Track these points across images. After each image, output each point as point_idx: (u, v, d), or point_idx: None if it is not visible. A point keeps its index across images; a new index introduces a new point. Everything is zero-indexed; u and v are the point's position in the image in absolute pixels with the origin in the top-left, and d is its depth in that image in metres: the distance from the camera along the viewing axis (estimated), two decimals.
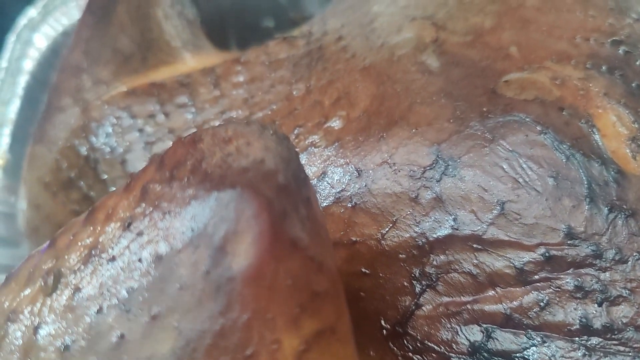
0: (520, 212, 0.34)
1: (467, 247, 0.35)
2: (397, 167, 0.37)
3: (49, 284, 0.26)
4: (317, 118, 0.41)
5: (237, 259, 0.24)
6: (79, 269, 0.26)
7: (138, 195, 0.27)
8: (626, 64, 0.38)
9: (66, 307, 0.25)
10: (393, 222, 0.36)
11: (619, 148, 0.34)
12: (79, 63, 0.50)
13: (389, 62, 0.42)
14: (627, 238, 0.32)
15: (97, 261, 0.26)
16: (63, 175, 0.46)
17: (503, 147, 0.35)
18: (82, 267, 0.26)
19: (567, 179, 0.33)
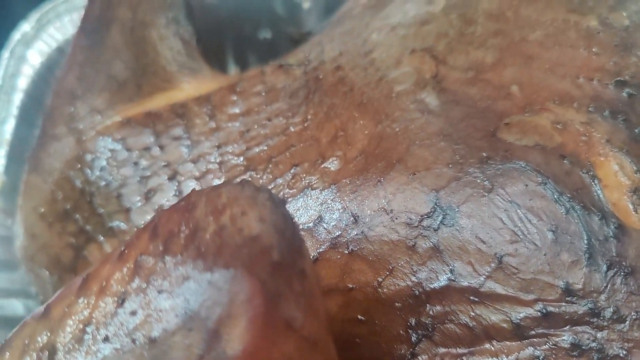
0: (518, 266, 0.33)
1: (464, 299, 0.34)
2: (395, 214, 0.36)
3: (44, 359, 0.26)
4: (314, 157, 0.41)
5: (231, 343, 0.24)
6: (73, 348, 0.26)
7: (132, 268, 0.27)
8: (630, 107, 0.37)
9: None
10: (390, 270, 0.36)
11: (620, 200, 0.34)
12: (73, 89, 0.49)
13: (388, 99, 0.41)
14: (626, 297, 0.32)
15: (91, 340, 0.26)
16: (59, 206, 0.46)
17: (502, 197, 0.35)
18: (76, 345, 0.26)
19: (567, 233, 0.33)
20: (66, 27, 0.62)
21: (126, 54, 0.51)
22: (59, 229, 0.46)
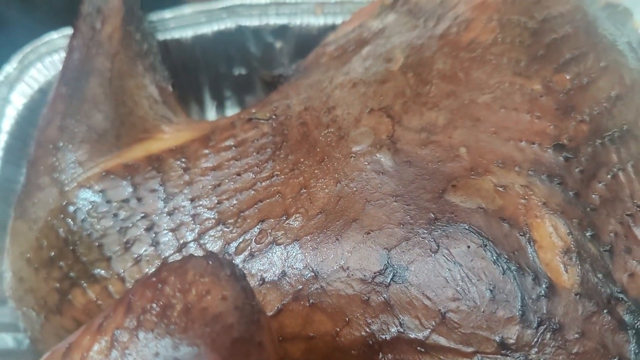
0: (460, 321, 0.37)
1: (412, 349, 0.38)
2: (350, 271, 0.40)
3: None
4: (279, 213, 0.44)
5: None
6: None
7: (109, 341, 0.30)
8: (566, 171, 0.41)
9: None
10: (346, 322, 0.40)
11: (553, 260, 0.38)
12: (54, 140, 0.52)
13: (347, 158, 0.45)
14: (554, 350, 0.36)
15: None
16: (44, 253, 0.49)
17: (447, 257, 0.38)
18: None
19: (503, 292, 0.37)
20: (47, 68, 0.64)
21: (105, 105, 0.53)
22: (45, 274, 0.49)
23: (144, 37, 0.61)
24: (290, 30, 0.66)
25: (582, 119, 0.43)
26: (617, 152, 0.42)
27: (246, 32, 0.66)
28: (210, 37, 0.66)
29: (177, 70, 0.65)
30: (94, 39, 0.58)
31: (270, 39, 0.66)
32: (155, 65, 0.60)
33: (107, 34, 0.58)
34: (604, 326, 0.36)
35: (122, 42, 0.58)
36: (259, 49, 0.67)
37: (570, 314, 0.36)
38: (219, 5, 0.65)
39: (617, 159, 0.42)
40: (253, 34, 0.66)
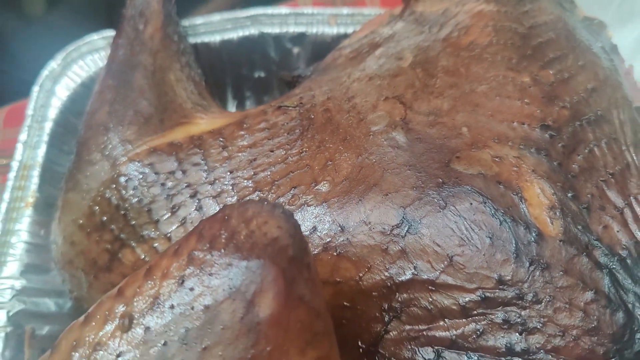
0: (464, 263, 0.45)
1: (424, 288, 0.45)
2: (372, 225, 0.48)
3: (125, 324, 0.36)
4: (309, 181, 0.52)
5: (263, 309, 0.35)
6: (147, 313, 0.36)
7: (186, 260, 0.37)
8: (551, 145, 0.49)
9: (140, 341, 0.35)
10: (368, 268, 0.47)
11: (540, 215, 0.46)
12: (105, 122, 0.60)
13: (366, 137, 0.53)
14: (542, 285, 0.43)
15: (160, 308, 0.36)
16: (96, 219, 0.56)
17: (453, 212, 0.46)
18: (150, 312, 0.36)
19: (500, 239, 0.45)
20: (89, 65, 0.72)
21: (149, 94, 0.61)
22: (97, 237, 0.56)
23: (180, 39, 0.69)
24: (307, 38, 0.75)
25: (564, 106, 0.52)
26: (593, 132, 0.51)
27: (267, 38, 0.75)
28: (235, 42, 0.75)
29: (205, 71, 0.73)
30: (138, 38, 0.65)
31: (289, 45, 0.75)
32: (191, 63, 0.68)
33: (149, 34, 0.66)
34: (583, 266, 0.44)
35: (162, 42, 0.66)
36: (278, 54, 0.76)
37: (555, 256, 0.44)
38: (244, 14, 0.74)
39: (592, 137, 0.50)
40: (274, 40, 0.75)
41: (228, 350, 0.34)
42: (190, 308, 0.35)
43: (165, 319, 0.36)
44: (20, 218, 0.63)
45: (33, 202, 0.64)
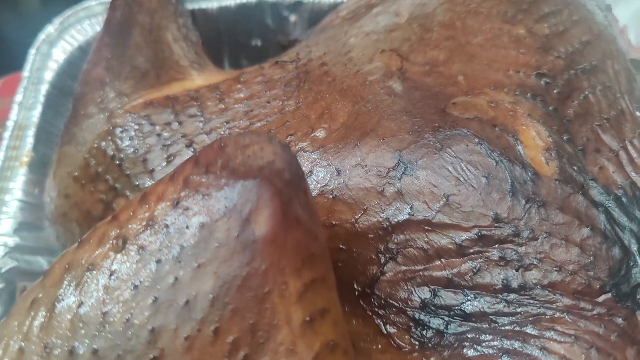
0: (461, 202, 0.45)
1: (420, 229, 0.45)
2: (368, 168, 0.48)
3: (118, 244, 0.36)
4: (305, 129, 0.52)
5: (259, 227, 0.34)
6: (140, 235, 0.36)
7: (181, 184, 0.37)
8: (546, 92, 0.50)
9: (133, 260, 0.35)
10: (364, 210, 0.47)
11: (536, 156, 0.46)
12: (101, 77, 0.59)
13: (363, 86, 0.53)
14: (538, 222, 0.43)
15: (155, 229, 0.36)
16: (91, 170, 0.55)
17: (449, 154, 0.46)
18: (143, 232, 0.36)
19: (496, 178, 0.45)
20: (86, 30, 0.72)
21: (146, 51, 0.61)
22: (91, 188, 0.55)
23: (177, 1, 0.69)
24: (304, 6, 0.75)
25: (559, 56, 0.52)
26: (588, 80, 0.51)
27: (265, 6, 0.75)
28: (233, 9, 0.75)
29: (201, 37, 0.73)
30: None
31: (286, 12, 0.75)
32: (188, 25, 0.68)
33: None
34: (579, 204, 0.44)
35: (159, 3, 0.66)
36: (276, 21, 0.76)
37: (551, 194, 0.44)
38: None
39: (587, 85, 0.51)
40: (271, 8, 0.75)
41: (222, 268, 0.34)
42: (185, 227, 0.35)
43: (159, 239, 0.35)
44: (15, 177, 0.63)
45: (27, 161, 0.64)
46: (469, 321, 0.43)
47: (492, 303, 0.43)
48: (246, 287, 0.34)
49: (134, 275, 0.35)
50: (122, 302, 0.34)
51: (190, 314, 0.34)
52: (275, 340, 0.34)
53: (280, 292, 0.34)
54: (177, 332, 0.33)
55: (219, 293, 0.34)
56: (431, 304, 0.44)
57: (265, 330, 0.34)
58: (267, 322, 0.34)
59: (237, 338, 0.33)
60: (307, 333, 0.34)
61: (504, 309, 0.43)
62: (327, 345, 0.34)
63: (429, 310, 0.44)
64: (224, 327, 0.33)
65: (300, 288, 0.35)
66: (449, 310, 0.44)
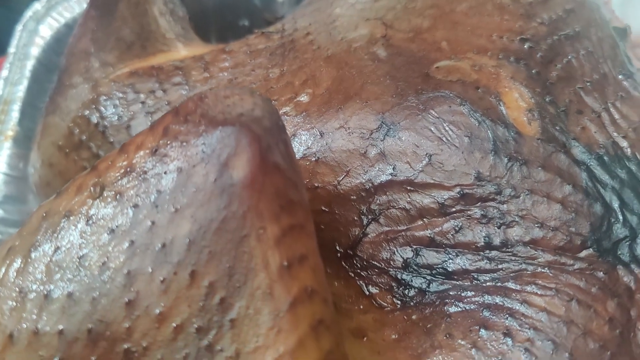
0: (443, 161, 0.45)
1: (402, 189, 0.45)
2: (351, 130, 0.47)
3: (96, 191, 0.36)
4: (289, 94, 0.52)
5: (237, 171, 0.34)
6: (118, 181, 0.36)
7: (160, 133, 0.37)
8: (529, 56, 0.50)
9: (110, 205, 0.35)
10: (347, 172, 0.47)
11: (519, 117, 0.46)
12: (87, 49, 0.59)
13: (347, 52, 0.53)
14: (520, 180, 0.43)
15: (132, 175, 0.35)
16: (75, 138, 0.55)
17: (432, 115, 0.46)
18: (120, 180, 0.36)
19: (478, 138, 0.45)
20: (73, 7, 0.72)
21: (132, 23, 0.61)
22: (75, 156, 0.55)
23: None
24: None
25: (542, 22, 0.52)
26: (571, 46, 0.51)
27: None
28: None
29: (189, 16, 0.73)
30: None
31: None
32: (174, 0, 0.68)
33: None
34: (561, 162, 0.44)
35: None
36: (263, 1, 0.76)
37: (533, 153, 0.44)
38: None
39: (571, 50, 0.51)
40: None
41: (200, 212, 0.34)
42: (162, 173, 0.35)
43: (137, 184, 0.35)
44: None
45: (13, 135, 0.64)
46: (451, 279, 0.43)
47: (473, 260, 0.43)
48: (223, 230, 0.34)
49: (111, 220, 0.34)
50: (98, 247, 0.34)
51: (167, 258, 0.33)
52: (252, 284, 0.33)
53: (258, 236, 0.34)
54: (153, 276, 0.33)
55: (196, 237, 0.34)
56: (413, 264, 0.44)
57: (242, 273, 0.33)
58: (244, 266, 0.33)
59: (214, 281, 0.33)
60: (285, 277, 0.34)
61: (486, 266, 0.42)
62: (305, 291, 0.34)
63: (411, 270, 0.44)
64: (200, 271, 0.33)
65: (278, 233, 0.34)
66: (431, 269, 0.44)
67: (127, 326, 0.33)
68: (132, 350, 0.32)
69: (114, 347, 0.33)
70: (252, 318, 0.33)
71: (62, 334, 0.33)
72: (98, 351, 0.32)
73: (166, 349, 0.32)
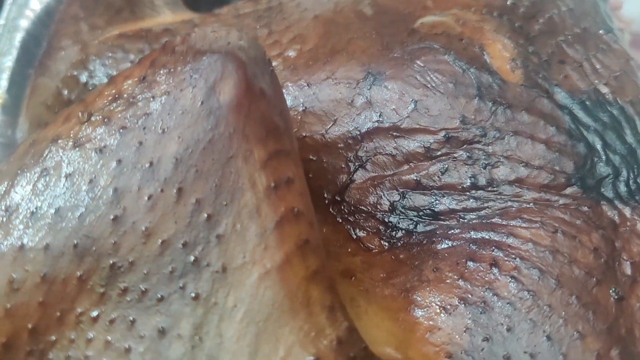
0: (428, 107, 0.45)
1: (389, 135, 0.46)
2: (338, 80, 0.48)
3: (84, 117, 0.36)
4: (277, 51, 0.52)
5: (223, 95, 0.35)
6: (106, 107, 0.36)
7: (148, 64, 0.37)
8: (512, 11, 0.50)
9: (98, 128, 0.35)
10: (334, 121, 0.47)
11: (502, 65, 0.47)
12: (76, 14, 0.60)
13: (334, 12, 0.53)
14: (505, 122, 0.44)
15: (121, 101, 0.36)
16: (64, 98, 0.55)
17: (417, 64, 0.47)
18: (109, 105, 0.36)
19: (463, 84, 0.45)
20: None
21: None
22: None
23: None
24: None
25: None
26: (553, 2, 0.52)
27: None
28: None
29: None
30: None
31: None
32: None
33: None
34: (544, 106, 0.44)
35: None
36: None
37: (517, 97, 0.45)
38: None
39: (552, 7, 0.52)
40: None
41: (187, 133, 0.34)
42: (150, 97, 0.35)
43: (125, 108, 0.35)
44: None
45: (2, 103, 0.64)
46: (438, 220, 0.44)
47: (460, 200, 0.43)
48: (210, 151, 0.34)
49: (99, 141, 0.35)
50: (85, 166, 0.34)
51: (154, 175, 0.33)
52: (239, 203, 0.33)
53: (245, 157, 0.34)
54: (140, 193, 0.33)
55: (183, 156, 0.34)
56: (400, 206, 0.45)
57: (229, 192, 0.34)
58: (231, 185, 0.34)
59: (201, 199, 0.33)
60: (272, 198, 0.34)
61: (472, 205, 0.43)
62: (291, 211, 0.34)
63: (398, 213, 0.45)
64: (187, 188, 0.33)
65: (265, 156, 0.35)
66: (417, 210, 0.44)
67: (114, 241, 0.33)
68: (118, 266, 0.32)
69: (100, 263, 0.33)
70: (239, 234, 0.33)
71: (48, 249, 0.33)
72: (84, 266, 0.32)
73: (152, 264, 0.32)
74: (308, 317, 0.32)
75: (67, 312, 0.32)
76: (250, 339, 0.31)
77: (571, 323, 0.35)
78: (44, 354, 0.32)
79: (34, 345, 0.32)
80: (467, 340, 0.36)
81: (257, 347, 0.31)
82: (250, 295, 0.32)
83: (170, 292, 0.32)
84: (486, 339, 0.36)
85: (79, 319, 0.32)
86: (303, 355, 0.31)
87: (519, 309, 0.37)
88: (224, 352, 0.31)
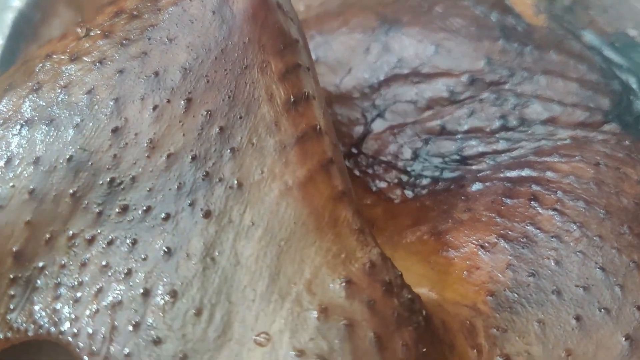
0: (451, 49, 0.42)
1: (408, 82, 0.43)
2: (352, 28, 0.45)
3: (82, 32, 0.32)
4: None
5: (237, 4, 0.31)
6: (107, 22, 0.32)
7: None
8: None
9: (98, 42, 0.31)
10: (348, 70, 0.44)
11: (525, 10, 0.44)
12: None
13: None
14: (532, 62, 0.41)
15: (123, 16, 0.32)
16: None
17: (437, 12, 0.44)
18: (110, 20, 0.32)
19: (486, 27, 0.43)
20: None
21: None
22: None
23: None
24: None
25: None
26: None
27: None
28: None
29: None
30: None
31: None
32: None
33: None
34: (573, 47, 0.42)
35: None
36: None
37: (544, 38, 0.42)
38: None
39: None
40: None
41: (197, 42, 0.31)
42: (156, 9, 0.32)
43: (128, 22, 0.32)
44: None
45: None
46: (465, 164, 0.40)
47: (489, 142, 0.40)
48: (223, 61, 0.30)
49: (99, 53, 0.31)
50: (83, 78, 0.30)
51: (159, 85, 0.30)
52: (255, 116, 0.30)
53: (262, 68, 0.31)
54: (144, 103, 0.29)
55: (193, 65, 0.30)
56: (424, 154, 0.41)
57: (243, 104, 0.30)
58: (246, 97, 0.30)
59: (212, 110, 0.30)
60: (292, 113, 0.30)
61: (503, 147, 0.39)
62: (314, 128, 0.31)
63: (421, 160, 0.41)
64: (196, 99, 0.30)
65: (283, 69, 0.31)
66: (443, 157, 0.41)
67: (113, 155, 0.29)
68: (117, 182, 0.28)
69: (97, 178, 0.28)
70: (256, 149, 0.29)
71: (38, 163, 0.29)
72: (78, 182, 0.28)
73: (157, 179, 0.29)
74: (336, 238, 0.28)
75: (58, 234, 0.28)
76: (270, 259, 0.27)
77: (625, 253, 0.32)
78: (30, 281, 0.28)
79: (18, 271, 0.28)
80: (510, 277, 0.32)
81: (279, 268, 0.27)
82: (270, 212, 0.28)
83: (177, 210, 0.28)
84: (532, 274, 0.32)
85: (71, 241, 0.28)
86: (332, 278, 0.27)
87: (566, 241, 0.33)
88: (240, 273, 0.27)
